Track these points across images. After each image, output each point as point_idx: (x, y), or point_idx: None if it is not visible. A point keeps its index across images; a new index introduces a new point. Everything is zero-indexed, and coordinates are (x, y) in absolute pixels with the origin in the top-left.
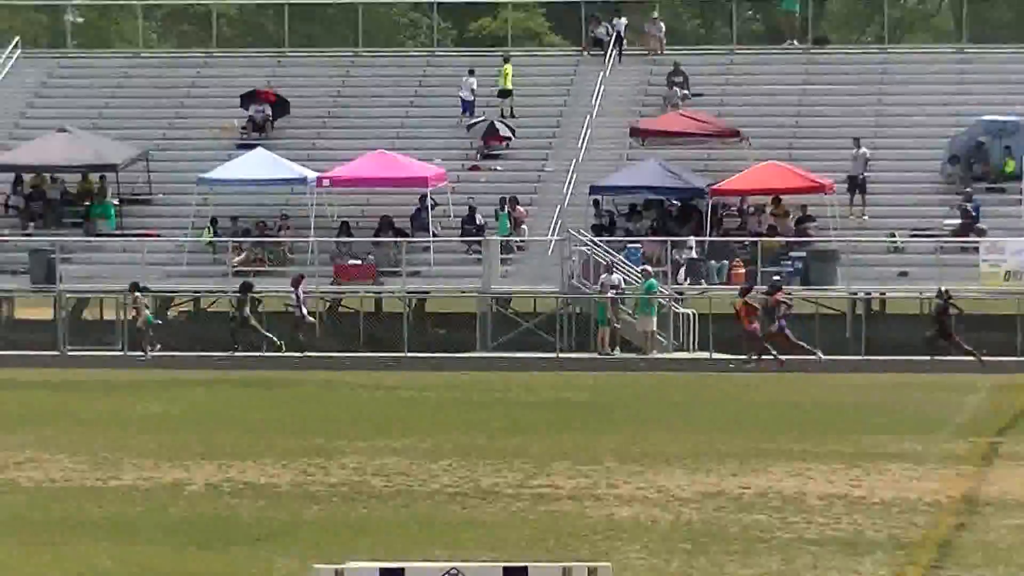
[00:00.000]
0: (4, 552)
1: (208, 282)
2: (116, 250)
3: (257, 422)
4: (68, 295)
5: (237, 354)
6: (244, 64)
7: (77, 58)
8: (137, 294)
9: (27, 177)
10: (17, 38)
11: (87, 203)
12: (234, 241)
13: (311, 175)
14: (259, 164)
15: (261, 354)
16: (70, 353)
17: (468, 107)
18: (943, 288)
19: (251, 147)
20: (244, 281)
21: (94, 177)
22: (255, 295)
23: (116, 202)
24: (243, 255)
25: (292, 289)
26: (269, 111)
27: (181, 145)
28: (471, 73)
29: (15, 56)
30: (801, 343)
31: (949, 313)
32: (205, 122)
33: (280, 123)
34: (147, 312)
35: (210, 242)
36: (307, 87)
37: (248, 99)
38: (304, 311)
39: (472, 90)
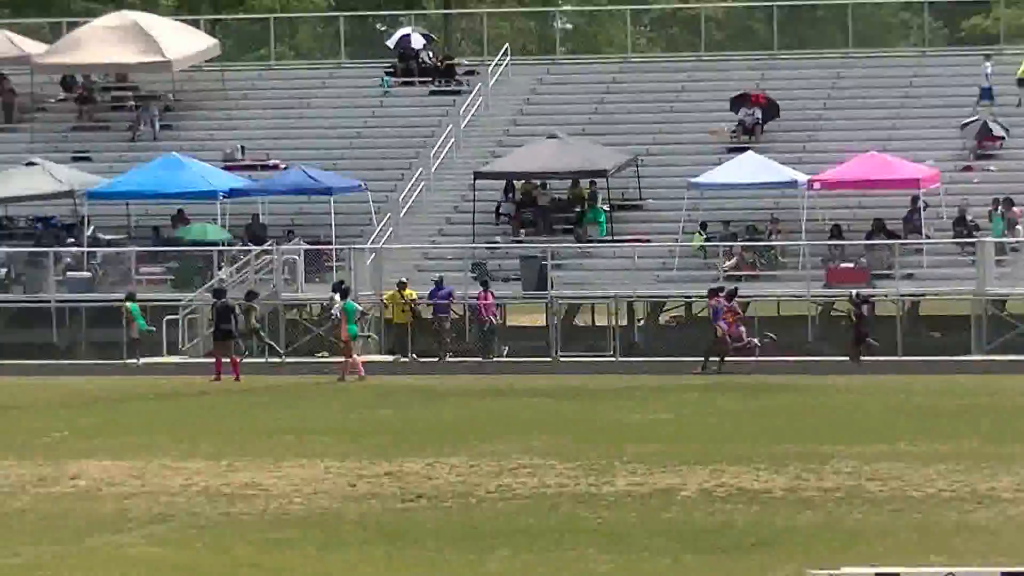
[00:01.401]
0: (500, 559)
1: (699, 287)
2: (607, 256)
3: (748, 427)
4: (560, 301)
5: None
6: (733, 67)
7: (566, 64)
8: (128, 303)
9: (518, 184)
10: (507, 45)
11: (578, 209)
12: (725, 245)
13: (802, 178)
14: (749, 168)
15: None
16: (562, 359)
17: (986, 94)
18: (855, 292)
19: (741, 151)
20: (249, 290)
21: (584, 183)
22: (256, 304)
23: (606, 208)
24: (734, 259)
25: (332, 294)
26: (759, 114)
27: (671, 150)
28: (987, 58)
29: (505, 63)
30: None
31: (863, 316)
32: (695, 126)
33: (770, 126)
34: (140, 320)
35: (701, 247)
36: (797, 89)
37: (738, 102)
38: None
39: (987, 75)
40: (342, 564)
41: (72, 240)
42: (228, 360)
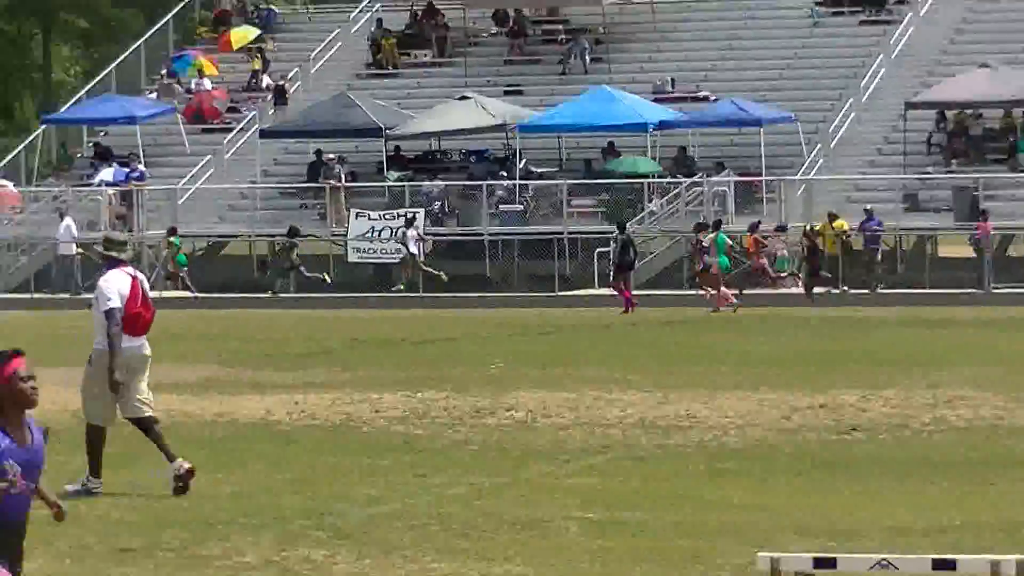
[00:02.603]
0: (938, 490)
1: None
2: None
3: None
4: (993, 232)
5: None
6: None
7: None
8: (171, 238)
9: (949, 114)
10: None
11: (1011, 139)
12: None
13: None
14: None
15: None
16: (995, 291)
17: None
18: (809, 226)
19: None
20: (291, 227)
21: (1018, 113)
22: (300, 239)
23: None
24: None
25: (404, 228)
26: None
27: None
28: None
29: None
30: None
31: (817, 251)
32: None
33: None
34: (180, 254)
35: None
36: None
37: None
38: (414, 250)
39: None
40: (779, 495)
41: (504, 173)
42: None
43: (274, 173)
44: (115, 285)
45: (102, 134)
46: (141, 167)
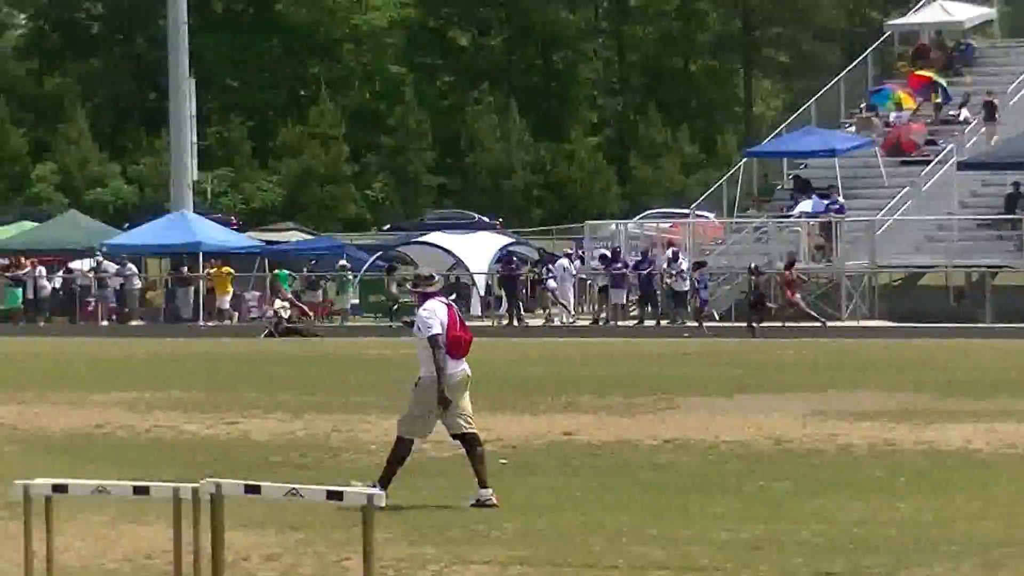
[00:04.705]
0: None
1: None
2: None
3: None
4: None
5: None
6: None
7: None
8: (277, 272)
9: None
10: None
11: None
12: None
13: None
14: None
15: None
16: None
17: None
18: (753, 264)
19: None
20: (389, 264)
21: None
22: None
23: None
24: None
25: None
26: None
27: None
28: None
29: None
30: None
31: (759, 285)
32: None
33: None
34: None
35: None
36: None
37: None
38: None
39: None
40: None
41: None
42: None
43: (971, 205)
44: (435, 313)
45: (801, 166)
46: (840, 199)
